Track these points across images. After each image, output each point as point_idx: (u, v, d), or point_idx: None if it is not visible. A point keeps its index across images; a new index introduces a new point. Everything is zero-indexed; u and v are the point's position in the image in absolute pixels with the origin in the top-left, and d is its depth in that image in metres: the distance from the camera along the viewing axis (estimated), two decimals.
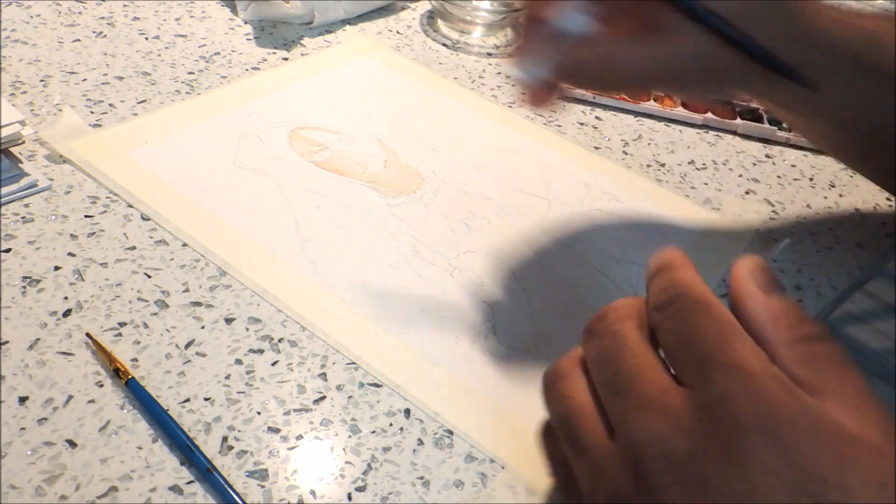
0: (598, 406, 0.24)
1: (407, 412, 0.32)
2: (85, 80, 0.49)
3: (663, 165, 0.50)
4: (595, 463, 0.23)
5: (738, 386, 0.20)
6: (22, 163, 0.41)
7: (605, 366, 0.24)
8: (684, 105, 0.57)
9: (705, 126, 0.57)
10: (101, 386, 0.31)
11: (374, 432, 0.31)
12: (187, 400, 0.31)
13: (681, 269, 0.25)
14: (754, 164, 0.53)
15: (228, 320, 0.35)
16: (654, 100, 0.57)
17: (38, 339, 0.33)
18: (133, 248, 0.38)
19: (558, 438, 0.25)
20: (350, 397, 0.32)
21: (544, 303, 0.38)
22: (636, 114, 0.56)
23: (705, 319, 0.23)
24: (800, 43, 0.34)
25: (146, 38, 0.54)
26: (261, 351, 0.34)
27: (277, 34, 0.58)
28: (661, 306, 0.24)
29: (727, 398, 0.20)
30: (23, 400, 0.30)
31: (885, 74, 0.36)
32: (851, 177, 0.53)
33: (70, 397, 0.30)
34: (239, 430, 0.30)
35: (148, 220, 0.39)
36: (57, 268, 0.36)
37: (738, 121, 0.56)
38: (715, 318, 0.22)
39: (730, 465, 0.19)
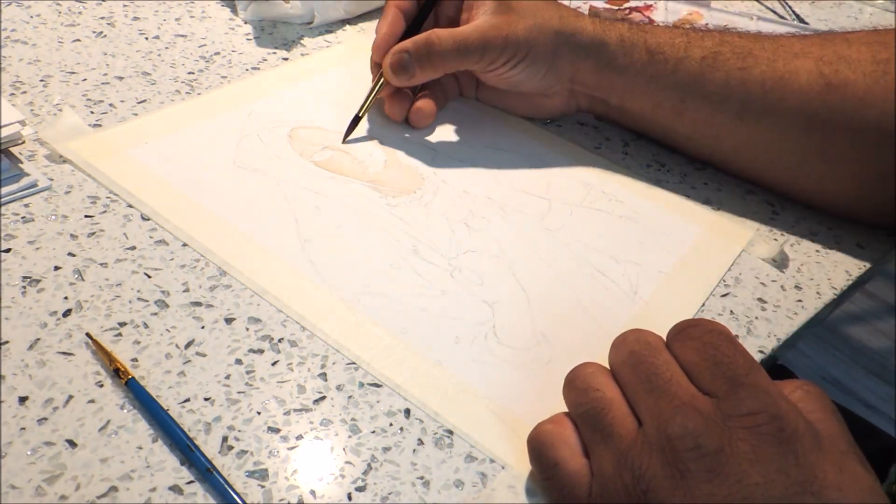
0: (627, 402, 0.28)
1: (407, 412, 0.32)
2: (85, 80, 0.49)
3: (663, 165, 0.50)
4: (624, 447, 0.26)
5: (763, 404, 0.25)
6: (22, 163, 0.41)
7: (638, 368, 0.28)
8: None
9: None
10: (101, 386, 0.31)
11: (374, 432, 0.31)
12: (187, 400, 0.31)
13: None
14: None
15: (228, 320, 0.35)
16: None
17: (38, 339, 0.33)
18: (133, 248, 0.38)
19: (581, 428, 0.28)
20: (350, 397, 0.32)
21: (544, 303, 0.38)
22: None
23: (733, 347, 0.27)
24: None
25: (146, 38, 0.54)
26: (261, 351, 0.34)
27: (277, 34, 0.58)
28: (689, 325, 0.29)
29: (754, 413, 0.25)
30: (23, 400, 0.30)
31: (619, 67, 0.47)
32: None
33: (70, 397, 0.30)
34: (239, 430, 0.30)
35: (148, 220, 0.39)
36: (57, 268, 0.36)
37: None
38: (741, 349, 0.27)
39: (752, 464, 0.24)
